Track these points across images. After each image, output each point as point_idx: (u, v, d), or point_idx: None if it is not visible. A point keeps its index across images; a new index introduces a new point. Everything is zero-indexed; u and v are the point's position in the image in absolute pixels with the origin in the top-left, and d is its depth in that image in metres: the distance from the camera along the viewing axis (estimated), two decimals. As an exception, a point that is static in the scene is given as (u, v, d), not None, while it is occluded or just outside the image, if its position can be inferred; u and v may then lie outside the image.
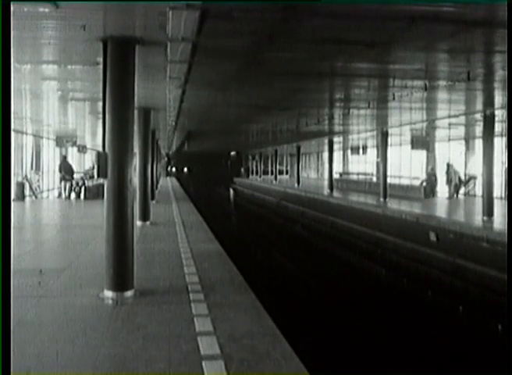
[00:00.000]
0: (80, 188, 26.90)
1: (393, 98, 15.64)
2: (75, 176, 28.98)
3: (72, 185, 27.03)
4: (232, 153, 74.79)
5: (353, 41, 8.77)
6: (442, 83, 13.17)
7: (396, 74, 12.40)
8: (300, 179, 43.94)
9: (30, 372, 5.05)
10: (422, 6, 6.86)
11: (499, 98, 16.47)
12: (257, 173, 69.26)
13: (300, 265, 17.60)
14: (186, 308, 7.36)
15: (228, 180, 69.33)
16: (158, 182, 39.80)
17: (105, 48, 7.97)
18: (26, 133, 29.56)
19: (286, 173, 66.93)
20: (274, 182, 52.05)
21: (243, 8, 6.89)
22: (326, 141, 35.65)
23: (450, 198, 28.08)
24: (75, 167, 30.86)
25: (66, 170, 27.88)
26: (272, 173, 57.11)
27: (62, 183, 27.83)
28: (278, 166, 57.48)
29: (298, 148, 43.99)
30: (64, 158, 29.41)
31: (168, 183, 50.99)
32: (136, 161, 18.37)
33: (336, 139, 35.31)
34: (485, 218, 18.62)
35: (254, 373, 5.17)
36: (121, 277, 7.99)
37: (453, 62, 11.00)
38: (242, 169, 78.90)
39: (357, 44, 8.97)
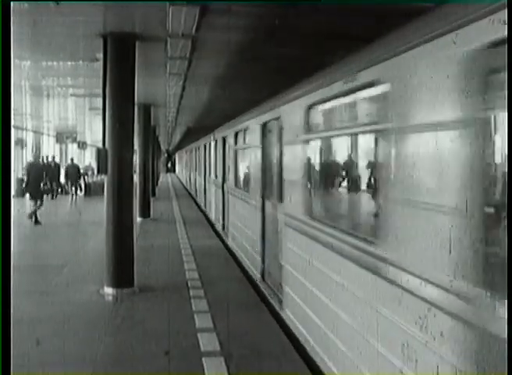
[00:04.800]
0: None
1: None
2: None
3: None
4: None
5: (353, 37, 8.74)
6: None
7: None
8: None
9: (30, 372, 5.05)
10: (422, 4, 6.84)
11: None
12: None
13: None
14: (187, 304, 7.36)
15: None
16: (158, 178, 39.73)
17: (105, 44, 7.96)
18: (27, 130, 29.53)
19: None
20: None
21: (242, 4, 6.87)
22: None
23: None
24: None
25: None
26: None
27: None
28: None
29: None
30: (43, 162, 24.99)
31: (168, 180, 50.92)
32: (137, 157, 18.35)
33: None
34: None
35: (254, 373, 5.17)
36: (121, 274, 8.00)
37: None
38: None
39: (356, 40, 8.94)
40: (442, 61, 3.09)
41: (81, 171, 27.12)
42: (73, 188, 25.97)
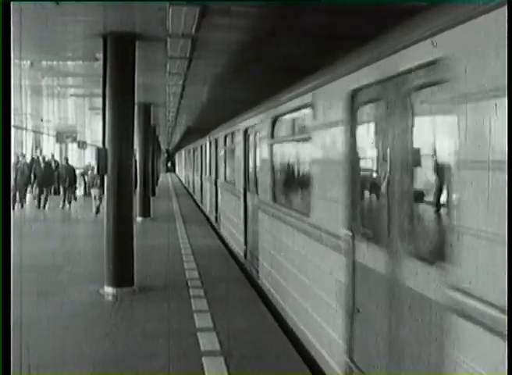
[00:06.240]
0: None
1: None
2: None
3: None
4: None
5: (354, 37, 8.73)
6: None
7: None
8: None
9: (30, 372, 5.05)
10: (421, 4, 6.84)
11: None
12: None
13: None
14: (186, 304, 7.36)
15: None
16: (158, 178, 39.71)
17: (105, 43, 7.96)
18: (26, 129, 29.50)
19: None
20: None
21: (242, 4, 6.87)
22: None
23: None
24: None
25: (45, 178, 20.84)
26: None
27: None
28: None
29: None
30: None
31: (168, 180, 50.91)
32: (137, 157, 18.35)
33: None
34: None
35: (254, 373, 5.17)
36: (121, 273, 7.99)
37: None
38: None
39: (357, 40, 8.93)
40: None
41: (77, 173, 23.25)
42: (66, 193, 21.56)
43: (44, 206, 20.24)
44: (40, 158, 22.83)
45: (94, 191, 18.40)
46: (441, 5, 3.27)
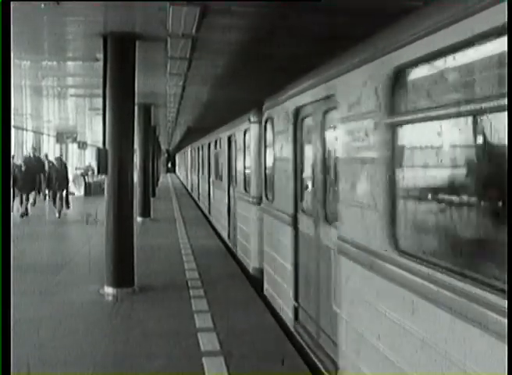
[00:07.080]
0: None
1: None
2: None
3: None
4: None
5: (353, 37, 8.72)
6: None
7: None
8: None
9: (30, 372, 5.04)
10: (421, 3, 6.83)
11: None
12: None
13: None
14: (186, 304, 7.36)
15: None
16: (158, 179, 39.70)
17: (105, 43, 7.96)
18: (27, 130, 29.49)
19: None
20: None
21: (242, 4, 6.87)
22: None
23: None
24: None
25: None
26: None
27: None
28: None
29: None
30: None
31: (168, 180, 50.90)
32: (137, 157, 18.29)
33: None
34: None
35: (254, 373, 5.16)
36: (121, 273, 7.99)
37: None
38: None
39: (357, 40, 8.92)
40: None
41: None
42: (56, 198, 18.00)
43: (27, 214, 17.64)
44: (18, 160, 19.55)
45: None
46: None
